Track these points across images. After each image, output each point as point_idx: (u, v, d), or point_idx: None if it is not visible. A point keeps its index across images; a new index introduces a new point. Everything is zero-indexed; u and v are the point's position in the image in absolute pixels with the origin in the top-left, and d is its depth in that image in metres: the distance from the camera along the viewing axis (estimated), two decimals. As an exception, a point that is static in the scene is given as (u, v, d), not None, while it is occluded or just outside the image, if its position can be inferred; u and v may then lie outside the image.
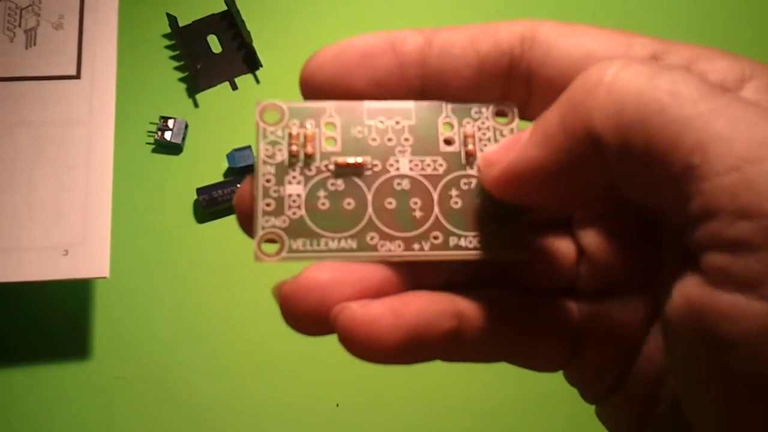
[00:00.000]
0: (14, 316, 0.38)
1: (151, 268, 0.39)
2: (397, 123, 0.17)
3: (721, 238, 0.13)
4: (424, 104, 0.17)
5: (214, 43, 0.43)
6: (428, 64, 0.17)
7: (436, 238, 0.17)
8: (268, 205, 0.17)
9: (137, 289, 0.38)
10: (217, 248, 0.39)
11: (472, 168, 0.17)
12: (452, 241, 0.17)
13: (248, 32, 0.42)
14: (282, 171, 0.17)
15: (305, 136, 0.17)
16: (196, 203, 0.40)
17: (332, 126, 0.17)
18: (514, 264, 0.18)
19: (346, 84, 0.17)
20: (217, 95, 0.42)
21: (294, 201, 0.17)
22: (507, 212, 0.17)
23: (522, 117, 0.18)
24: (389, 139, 0.17)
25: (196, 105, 0.42)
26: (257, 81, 0.43)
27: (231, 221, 0.40)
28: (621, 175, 0.15)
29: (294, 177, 0.17)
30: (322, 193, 0.17)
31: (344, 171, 0.17)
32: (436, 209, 0.17)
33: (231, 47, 0.43)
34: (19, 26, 0.38)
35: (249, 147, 0.40)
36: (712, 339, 0.13)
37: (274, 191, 0.17)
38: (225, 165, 0.40)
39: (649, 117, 0.14)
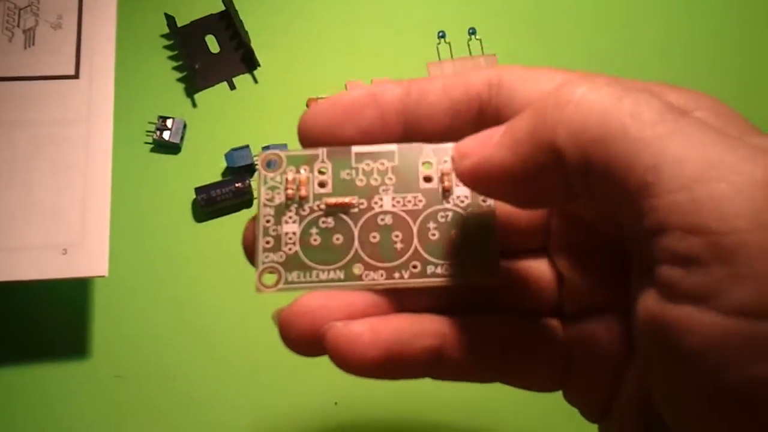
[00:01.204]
0: (13, 316, 0.38)
1: (149, 267, 0.39)
2: (382, 164, 0.19)
3: (673, 253, 0.14)
4: (407, 146, 0.19)
5: (212, 43, 0.43)
6: (407, 111, 0.19)
7: (415, 267, 0.19)
8: (267, 242, 0.19)
9: (136, 288, 0.39)
10: (216, 247, 0.39)
11: (448, 202, 0.19)
12: (429, 269, 0.19)
13: (246, 32, 0.42)
14: (280, 212, 0.19)
15: (300, 181, 0.19)
16: (194, 202, 0.40)
17: (324, 169, 0.19)
18: (498, 289, 0.19)
19: (336, 134, 0.19)
20: (216, 95, 0.43)
21: (290, 238, 0.19)
22: (479, 241, 0.19)
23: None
24: (374, 179, 0.19)
25: (194, 105, 0.42)
26: (255, 81, 0.43)
27: (229, 221, 0.40)
28: (580, 188, 0.16)
29: (290, 217, 0.19)
30: (314, 230, 0.19)
31: (334, 210, 0.19)
32: (416, 241, 0.19)
33: (229, 47, 0.43)
34: (18, 26, 0.38)
35: (247, 146, 0.40)
36: (672, 351, 0.14)
37: (273, 230, 0.19)
38: (223, 164, 0.40)
39: (610, 137, 0.15)
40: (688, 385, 0.14)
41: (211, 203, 0.39)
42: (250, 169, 0.40)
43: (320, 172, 0.19)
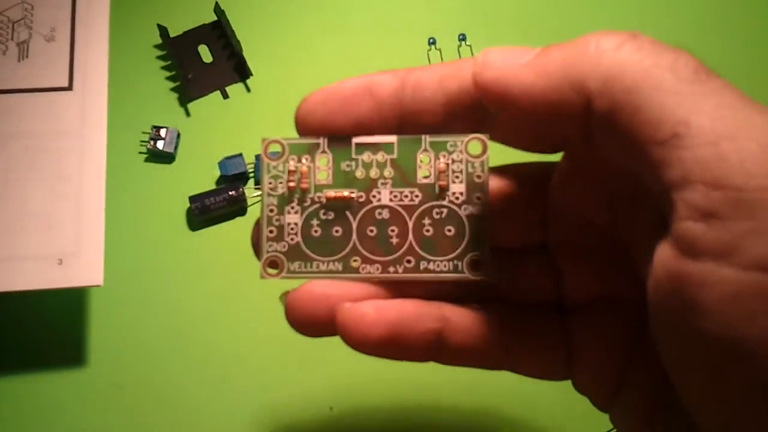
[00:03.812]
0: (9, 326, 0.38)
1: (144, 275, 0.39)
2: (382, 156, 0.20)
3: (694, 207, 0.14)
4: (406, 138, 0.20)
5: (205, 53, 0.44)
6: (403, 103, 0.19)
7: (409, 261, 0.20)
8: (271, 232, 0.20)
9: (131, 296, 0.39)
10: (210, 255, 0.40)
11: (444, 199, 0.20)
12: (422, 264, 0.20)
13: (238, 42, 0.43)
14: (282, 202, 0.20)
15: (301, 172, 0.20)
16: (188, 211, 0.40)
17: (325, 159, 0.20)
18: (497, 284, 0.20)
19: (332, 125, 0.20)
20: (209, 104, 0.43)
21: (292, 228, 0.20)
22: (471, 239, 0.20)
23: (492, 139, 0.20)
24: (374, 172, 0.20)
25: (187, 114, 0.43)
26: (248, 89, 0.43)
27: (223, 229, 0.40)
28: (603, 135, 0.16)
29: (293, 207, 0.20)
30: (315, 222, 0.20)
31: (334, 203, 0.20)
32: (410, 236, 0.20)
33: (221, 57, 0.44)
34: (12, 39, 0.38)
35: (240, 155, 0.41)
36: (689, 306, 0.14)
37: (276, 220, 0.20)
38: (217, 173, 0.41)
39: (645, 87, 0.15)
40: (704, 341, 0.14)
41: (205, 211, 0.39)
42: (244, 177, 0.41)
43: (321, 163, 0.20)
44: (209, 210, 0.39)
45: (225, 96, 0.43)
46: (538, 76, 0.17)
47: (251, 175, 0.41)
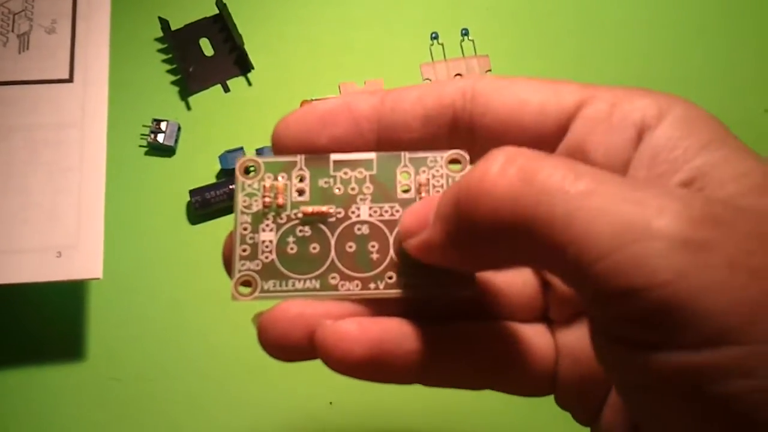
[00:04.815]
0: (8, 318, 0.38)
1: (144, 269, 0.39)
2: (360, 173, 0.19)
3: (613, 317, 0.14)
4: (385, 155, 0.19)
5: (206, 46, 0.44)
6: (381, 119, 0.19)
7: (390, 277, 0.19)
8: (244, 250, 0.19)
9: (131, 290, 0.39)
10: (210, 249, 0.39)
11: None
12: (404, 280, 0.19)
13: (240, 35, 0.43)
14: (257, 220, 0.19)
15: (277, 189, 0.19)
16: (188, 205, 0.40)
17: (302, 177, 0.19)
18: (483, 298, 0.19)
19: (309, 142, 0.19)
20: (210, 98, 0.43)
21: (267, 246, 0.19)
22: None
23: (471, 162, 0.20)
24: (352, 189, 0.19)
25: (188, 107, 0.42)
26: (249, 83, 0.43)
27: (223, 223, 0.40)
28: (513, 259, 0.16)
29: (267, 225, 0.19)
30: (291, 239, 0.19)
31: (311, 219, 0.19)
32: (392, 251, 0.19)
33: (223, 50, 0.44)
34: (12, 31, 0.38)
35: (241, 148, 0.41)
36: (650, 390, 0.15)
37: (250, 238, 0.19)
38: (217, 167, 0.41)
39: (524, 222, 0.15)
40: (668, 413, 0.15)
41: (205, 205, 0.39)
42: (245, 171, 0.41)
43: (298, 180, 0.19)
44: (209, 204, 0.39)
45: (226, 90, 0.43)
46: (443, 232, 0.17)
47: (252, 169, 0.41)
